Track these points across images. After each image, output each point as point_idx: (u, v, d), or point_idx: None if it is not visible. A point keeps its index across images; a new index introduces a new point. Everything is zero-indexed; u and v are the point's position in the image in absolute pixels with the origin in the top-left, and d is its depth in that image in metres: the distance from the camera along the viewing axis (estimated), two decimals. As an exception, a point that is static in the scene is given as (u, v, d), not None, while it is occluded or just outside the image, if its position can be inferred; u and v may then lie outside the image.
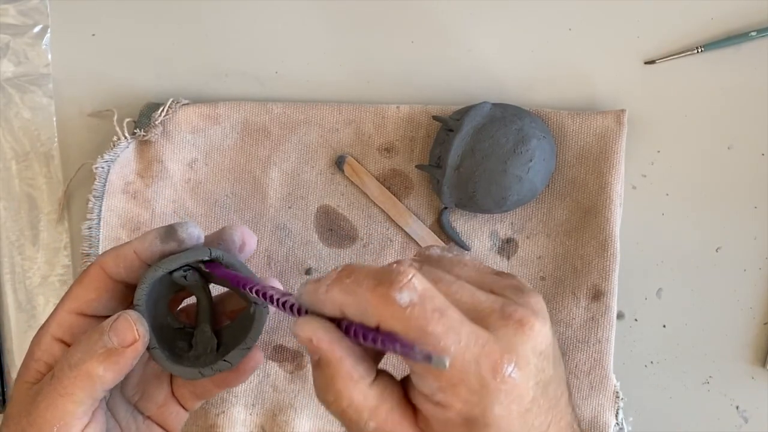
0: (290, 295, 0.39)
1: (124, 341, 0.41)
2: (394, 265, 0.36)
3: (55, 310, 0.44)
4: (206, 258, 0.43)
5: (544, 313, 0.37)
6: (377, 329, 0.35)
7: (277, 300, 0.39)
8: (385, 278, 0.35)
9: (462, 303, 0.36)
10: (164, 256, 0.43)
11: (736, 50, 0.59)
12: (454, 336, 0.34)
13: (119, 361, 0.41)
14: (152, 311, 0.44)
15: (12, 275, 0.62)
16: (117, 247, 0.44)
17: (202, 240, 0.44)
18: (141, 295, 0.43)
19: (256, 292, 0.41)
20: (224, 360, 0.44)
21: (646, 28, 0.60)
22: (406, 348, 0.33)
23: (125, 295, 0.44)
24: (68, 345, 0.44)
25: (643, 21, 0.60)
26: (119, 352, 0.41)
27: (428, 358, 0.32)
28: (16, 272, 0.62)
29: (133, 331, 0.42)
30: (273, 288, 0.41)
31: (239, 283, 0.42)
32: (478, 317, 0.36)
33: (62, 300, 0.44)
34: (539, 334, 0.36)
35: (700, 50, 0.59)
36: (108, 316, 0.43)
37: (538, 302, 0.37)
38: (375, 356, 0.38)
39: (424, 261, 0.40)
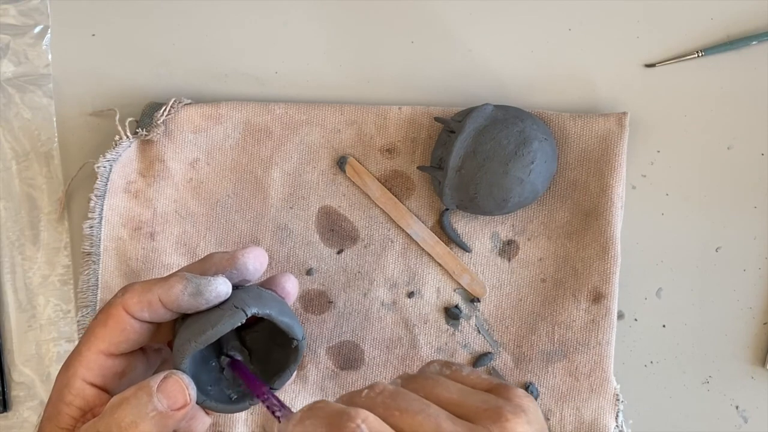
0: (290, 412, 0.41)
1: (175, 404, 0.42)
2: (350, 411, 0.35)
3: (80, 351, 0.44)
4: (242, 322, 0.44)
5: (528, 414, 0.36)
6: None
7: (273, 413, 0.41)
8: (335, 424, 0.35)
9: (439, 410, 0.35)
10: (190, 308, 0.44)
11: (736, 54, 0.60)
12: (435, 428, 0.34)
13: (169, 424, 0.42)
14: (190, 362, 0.44)
15: (12, 275, 0.61)
16: (140, 289, 0.44)
17: (229, 293, 0.45)
18: (184, 365, 0.43)
19: (262, 401, 0.43)
20: (271, 388, 0.45)
21: (647, 30, 0.60)
22: None
23: (149, 329, 0.45)
24: (100, 388, 0.44)
25: (643, 23, 0.60)
26: (170, 415, 0.42)
27: None
28: (17, 272, 0.61)
29: (184, 394, 0.42)
30: (275, 404, 0.42)
31: (253, 388, 0.44)
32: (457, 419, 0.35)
33: (86, 341, 0.44)
34: (521, 427, 0.35)
35: (700, 54, 0.59)
36: (135, 352, 0.44)
37: (521, 407, 0.36)
38: None
39: (406, 381, 0.38)
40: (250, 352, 0.48)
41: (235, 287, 0.46)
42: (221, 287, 0.44)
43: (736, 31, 0.60)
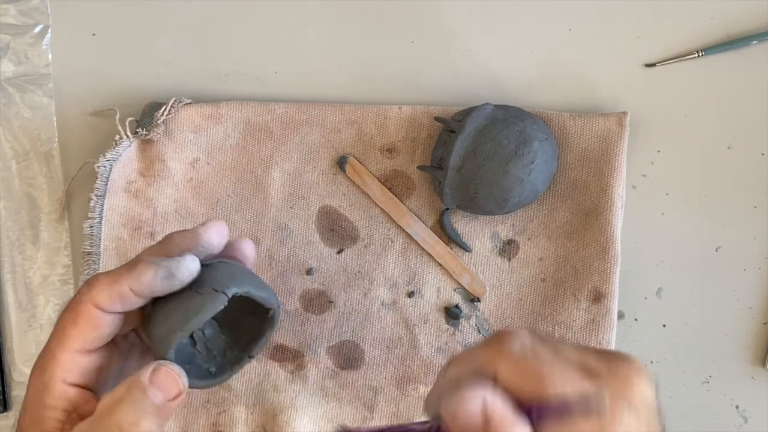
0: (427, 422, 0.38)
1: (170, 395, 0.42)
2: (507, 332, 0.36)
3: (53, 353, 0.43)
4: (224, 305, 0.43)
5: (649, 376, 0.36)
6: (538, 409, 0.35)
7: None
8: (493, 339, 0.36)
9: (569, 362, 0.36)
10: (164, 292, 0.43)
11: (736, 54, 0.60)
12: (570, 380, 0.34)
13: (167, 415, 0.42)
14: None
15: (12, 275, 0.61)
16: (107, 282, 0.43)
17: (199, 269, 0.44)
18: (170, 354, 0.43)
19: None
20: (249, 356, 0.46)
21: (647, 30, 0.60)
22: (563, 408, 0.34)
23: (120, 318, 0.44)
24: (81, 386, 0.44)
25: (643, 23, 0.60)
26: (167, 406, 0.42)
27: (586, 404, 0.33)
28: (17, 272, 0.61)
29: (177, 384, 0.42)
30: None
31: None
32: (586, 375, 0.35)
33: (58, 341, 0.43)
34: (646, 388, 0.36)
35: (700, 54, 0.59)
36: (107, 343, 0.44)
37: (642, 367, 0.36)
38: None
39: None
40: (218, 323, 0.48)
41: (202, 264, 0.45)
42: (192, 265, 0.44)
43: (736, 31, 0.60)
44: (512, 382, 0.35)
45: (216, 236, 0.46)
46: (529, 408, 0.34)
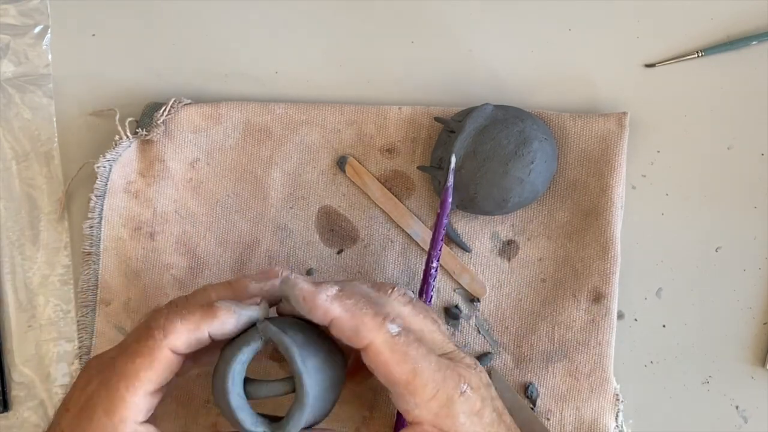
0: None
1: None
2: (387, 292, 0.48)
3: (122, 396, 0.45)
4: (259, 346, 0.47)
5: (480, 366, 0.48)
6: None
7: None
8: (381, 308, 0.46)
9: (433, 337, 0.48)
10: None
11: (736, 54, 0.60)
12: (427, 361, 0.44)
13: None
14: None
15: (12, 275, 0.61)
16: (186, 329, 0.45)
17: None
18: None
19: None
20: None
21: (647, 30, 0.60)
22: None
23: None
24: (148, 422, 0.46)
25: (643, 23, 0.60)
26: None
27: None
28: (17, 272, 0.61)
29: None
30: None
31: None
32: (443, 352, 0.47)
33: (129, 384, 0.45)
34: (481, 373, 0.47)
35: (700, 54, 0.59)
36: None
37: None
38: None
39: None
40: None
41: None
42: (264, 314, 0.48)
43: (736, 31, 0.60)
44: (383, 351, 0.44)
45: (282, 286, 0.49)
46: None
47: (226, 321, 0.46)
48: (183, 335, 0.45)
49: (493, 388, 0.48)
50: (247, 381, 0.47)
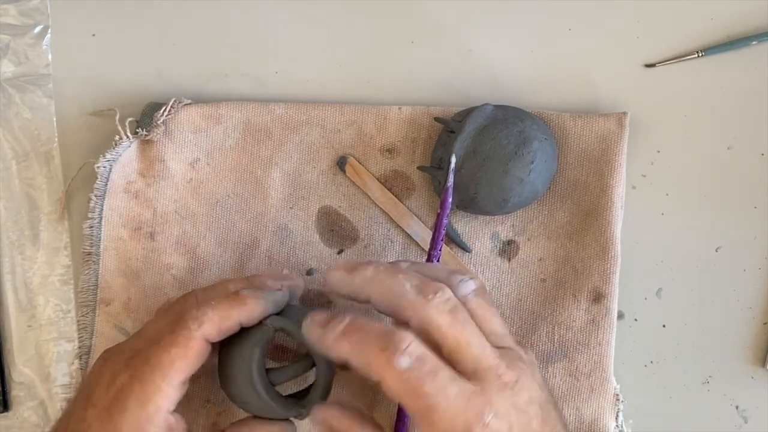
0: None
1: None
2: (428, 297, 0.44)
3: (157, 385, 0.46)
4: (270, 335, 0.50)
5: (531, 375, 0.45)
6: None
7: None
8: (388, 342, 0.42)
9: (469, 351, 0.43)
10: None
11: (736, 54, 0.60)
12: (444, 394, 0.41)
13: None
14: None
15: (12, 275, 0.61)
16: (219, 318, 0.48)
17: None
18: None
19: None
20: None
21: (647, 30, 0.60)
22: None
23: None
24: (176, 411, 0.47)
25: (643, 23, 0.60)
26: None
27: None
28: (17, 272, 0.61)
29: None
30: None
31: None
32: (477, 369, 0.43)
33: (164, 374, 0.46)
34: (520, 392, 0.43)
35: (700, 54, 0.59)
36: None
37: (530, 364, 0.46)
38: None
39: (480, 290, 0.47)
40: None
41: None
42: (285, 298, 0.51)
43: (736, 31, 0.60)
44: (394, 389, 0.42)
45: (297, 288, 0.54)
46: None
47: (255, 307, 0.48)
48: (216, 324, 0.47)
49: (536, 406, 0.44)
50: (267, 371, 0.50)
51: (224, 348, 0.50)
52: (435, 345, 0.44)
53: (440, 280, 0.46)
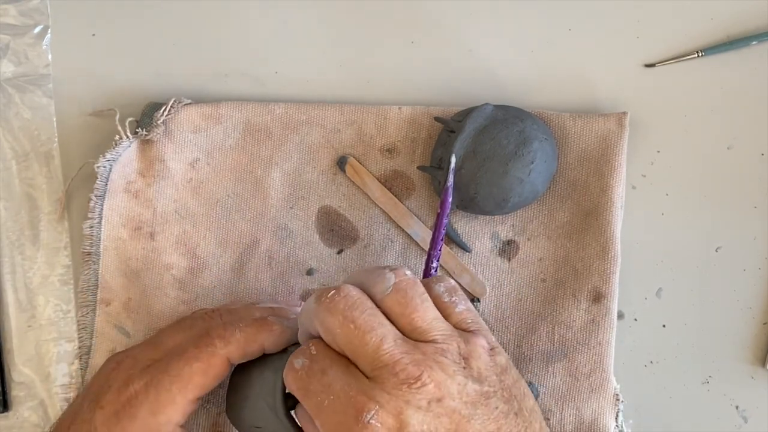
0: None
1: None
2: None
3: (173, 398, 0.47)
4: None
5: (451, 370, 0.41)
6: None
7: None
8: (301, 348, 0.43)
9: (363, 350, 0.41)
10: None
11: (736, 54, 0.60)
12: (328, 392, 0.40)
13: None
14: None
15: (12, 275, 0.61)
16: (244, 341, 0.48)
17: None
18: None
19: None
20: None
21: (647, 30, 0.60)
22: None
23: None
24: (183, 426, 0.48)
25: (643, 23, 0.60)
26: None
27: None
28: (17, 272, 0.61)
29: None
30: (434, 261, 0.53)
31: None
32: (373, 367, 0.40)
33: (182, 388, 0.47)
34: (422, 389, 0.39)
35: (700, 54, 0.59)
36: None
37: (459, 357, 0.42)
38: None
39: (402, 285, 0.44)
40: None
41: None
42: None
43: (736, 31, 0.60)
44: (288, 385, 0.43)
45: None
46: None
47: (281, 334, 0.48)
48: (242, 345, 0.48)
49: (448, 403, 0.40)
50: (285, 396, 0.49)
51: (238, 373, 0.50)
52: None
53: (361, 281, 0.44)
